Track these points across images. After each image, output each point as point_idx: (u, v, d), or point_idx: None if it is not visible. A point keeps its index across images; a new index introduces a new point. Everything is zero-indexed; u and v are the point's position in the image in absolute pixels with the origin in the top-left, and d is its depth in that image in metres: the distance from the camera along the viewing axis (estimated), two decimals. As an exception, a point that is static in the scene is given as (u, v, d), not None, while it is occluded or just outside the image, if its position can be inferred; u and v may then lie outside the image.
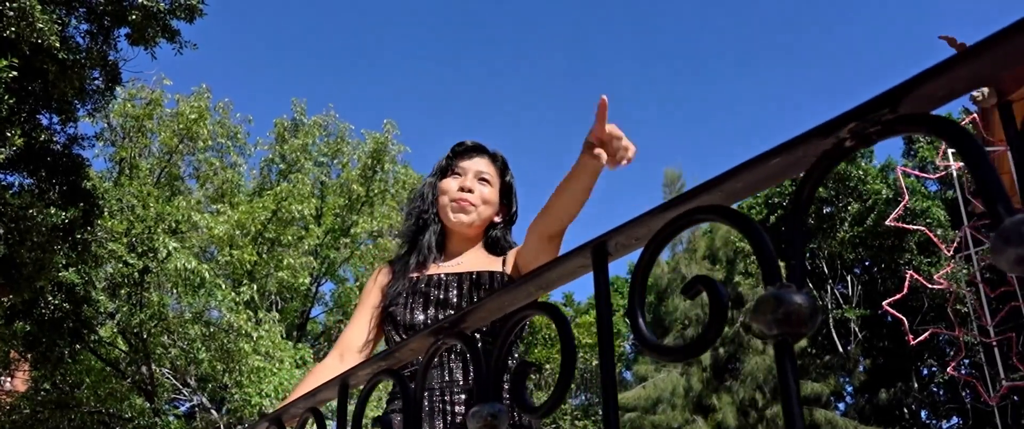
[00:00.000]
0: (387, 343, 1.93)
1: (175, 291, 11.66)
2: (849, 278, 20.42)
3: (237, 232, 13.14)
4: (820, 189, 20.64)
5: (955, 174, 7.32)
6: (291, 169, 16.52)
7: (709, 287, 0.52)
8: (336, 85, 37.98)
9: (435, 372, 1.80)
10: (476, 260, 1.98)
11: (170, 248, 11.11)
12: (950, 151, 7.23)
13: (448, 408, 1.77)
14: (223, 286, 11.72)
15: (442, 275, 1.92)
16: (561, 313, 0.65)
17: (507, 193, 2.07)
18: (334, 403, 0.94)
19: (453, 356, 1.82)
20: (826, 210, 20.39)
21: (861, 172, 19.76)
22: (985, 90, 7.44)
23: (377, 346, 1.99)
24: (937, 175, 9.71)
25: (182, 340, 12.21)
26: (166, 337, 12.34)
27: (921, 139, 19.48)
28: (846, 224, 19.70)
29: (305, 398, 1.02)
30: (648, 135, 40.72)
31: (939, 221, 15.92)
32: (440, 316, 1.84)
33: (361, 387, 0.94)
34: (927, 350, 17.70)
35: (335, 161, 17.47)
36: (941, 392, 19.25)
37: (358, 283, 16.19)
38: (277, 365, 11.59)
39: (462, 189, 1.98)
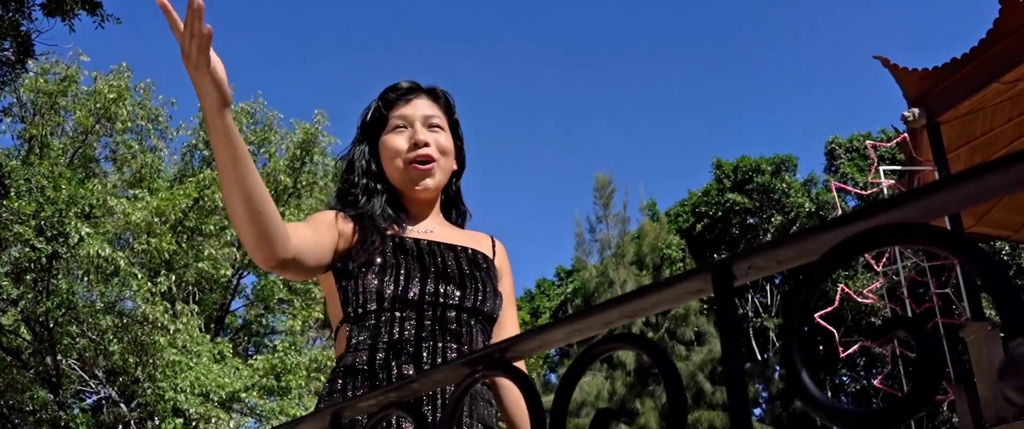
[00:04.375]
0: (349, 311, 1.54)
1: (86, 279, 11.06)
2: (768, 287, 20.97)
3: (156, 219, 12.55)
4: (745, 201, 21.10)
5: (886, 192, 7.52)
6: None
7: (915, 333, 0.39)
8: (266, 72, 37.00)
9: (423, 351, 1.49)
10: (450, 231, 1.70)
11: (82, 233, 10.52)
12: (882, 169, 7.40)
13: (439, 400, 1.47)
14: (139, 275, 11.17)
15: (428, 242, 1.60)
16: (663, 350, 0.51)
17: (457, 134, 1.75)
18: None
19: (448, 337, 1.50)
20: (750, 221, 20.89)
21: (785, 185, 20.31)
22: (915, 111, 7.65)
23: (312, 261, 1.51)
24: (870, 192, 10.00)
25: (92, 331, 11.59)
26: (74, 327, 11.69)
27: (843, 155, 20.12)
28: (768, 235, 20.20)
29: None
30: (576, 140, 41.06)
31: (858, 236, 16.48)
32: (440, 293, 1.53)
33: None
34: (841, 361, 18.30)
35: (262, 150, 16.92)
36: (848, 402, 19.97)
37: (281, 276, 15.73)
38: (194, 359, 11.11)
39: (417, 144, 1.64)
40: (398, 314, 1.51)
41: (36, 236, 10.69)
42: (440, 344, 1.50)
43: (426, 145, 1.65)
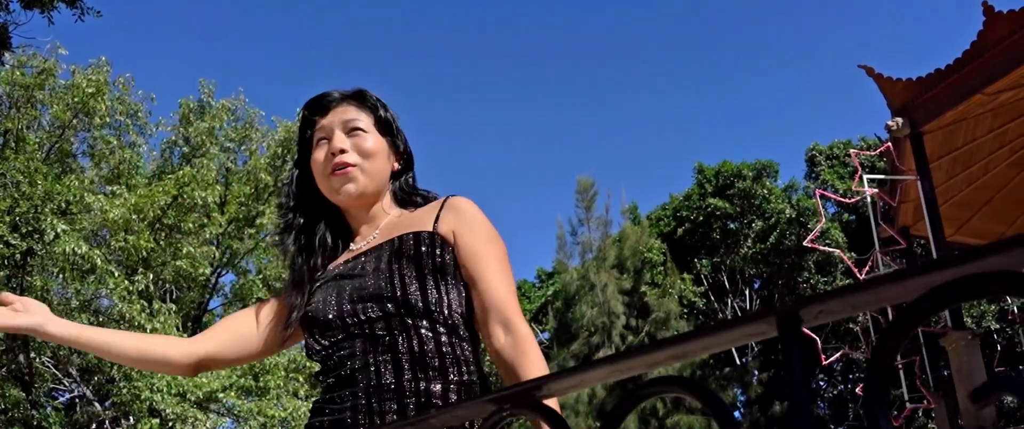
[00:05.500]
0: (307, 351, 1.57)
1: (61, 276, 10.88)
2: (747, 292, 21.07)
3: (133, 216, 12.38)
4: (725, 206, 21.21)
5: (869, 200, 7.56)
6: (195, 153, 15.73)
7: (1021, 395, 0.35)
8: (248, 68, 36.70)
9: (358, 373, 1.43)
10: (398, 222, 1.60)
11: (58, 230, 10.34)
12: (866, 177, 7.44)
13: (377, 420, 1.40)
14: (115, 273, 11.01)
15: (353, 257, 1.56)
16: (717, 397, 0.48)
17: (389, 132, 1.65)
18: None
19: (380, 350, 1.43)
20: (730, 226, 20.97)
21: (766, 191, 20.42)
22: (899, 120, 7.70)
23: (271, 348, 1.64)
24: (853, 200, 10.07)
25: (66, 329, 11.39)
26: (48, 325, 11.49)
27: (823, 162, 20.26)
28: (749, 240, 20.29)
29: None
30: (559, 143, 41.10)
31: (837, 242, 16.60)
32: (358, 308, 1.47)
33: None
34: (819, 367, 18.43)
35: (243, 147, 16.76)
36: (824, 407, 20.10)
37: (260, 275, 15.58)
38: (170, 359, 10.96)
39: (333, 153, 1.58)
40: (335, 347, 1.49)
41: (10, 232, 10.50)
42: (371, 358, 1.43)
43: (342, 152, 1.58)
